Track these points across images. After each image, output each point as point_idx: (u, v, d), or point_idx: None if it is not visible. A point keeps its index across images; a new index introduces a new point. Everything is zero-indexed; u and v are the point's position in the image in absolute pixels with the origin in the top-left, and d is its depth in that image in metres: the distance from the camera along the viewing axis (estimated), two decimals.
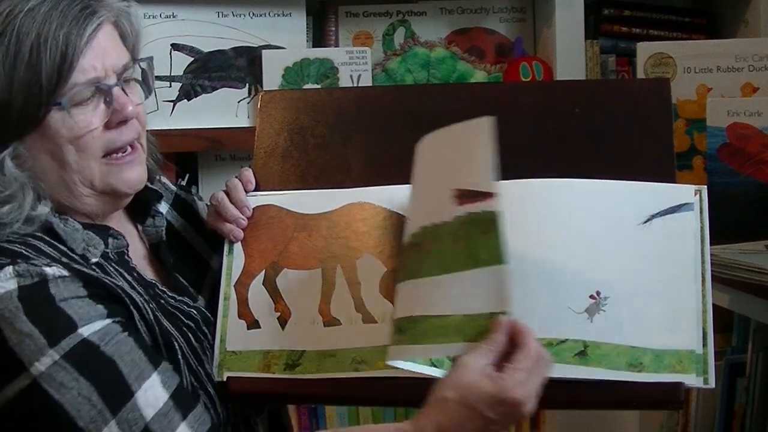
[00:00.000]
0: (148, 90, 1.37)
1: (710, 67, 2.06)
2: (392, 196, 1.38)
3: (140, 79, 1.36)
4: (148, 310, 1.27)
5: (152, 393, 1.20)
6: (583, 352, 1.24)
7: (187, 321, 1.34)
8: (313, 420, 2.40)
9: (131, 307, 1.25)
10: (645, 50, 2.10)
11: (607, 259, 1.28)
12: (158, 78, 2.23)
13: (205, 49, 2.27)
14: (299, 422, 2.38)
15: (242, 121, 2.27)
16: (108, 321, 1.21)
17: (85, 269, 1.24)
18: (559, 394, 1.23)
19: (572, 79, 2.24)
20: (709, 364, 1.23)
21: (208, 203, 1.46)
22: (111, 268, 1.29)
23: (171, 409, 1.21)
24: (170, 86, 2.25)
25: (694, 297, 1.26)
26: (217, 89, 2.27)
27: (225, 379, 1.34)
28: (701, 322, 1.25)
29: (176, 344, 1.28)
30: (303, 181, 1.43)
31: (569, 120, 1.40)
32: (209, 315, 1.38)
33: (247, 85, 2.29)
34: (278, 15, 2.29)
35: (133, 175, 1.32)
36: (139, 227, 1.42)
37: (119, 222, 1.38)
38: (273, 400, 1.44)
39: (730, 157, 1.90)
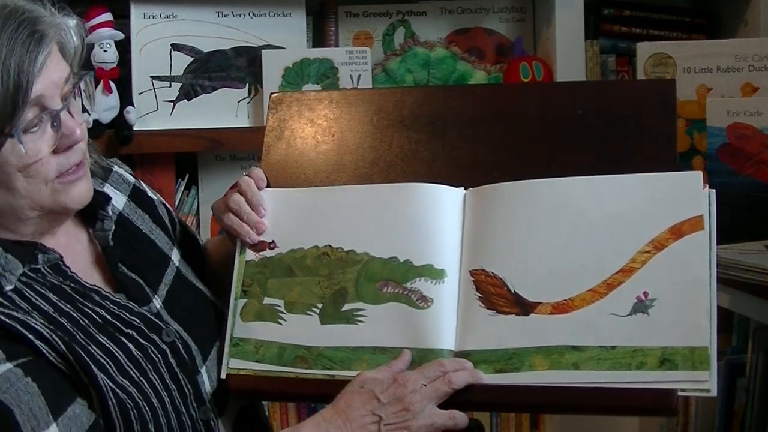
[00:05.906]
0: (89, 100, 1.34)
1: (710, 67, 2.06)
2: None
3: (81, 91, 1.31)
4: (59, 341, 1.20)
5: None
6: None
7: (127, 330, 1.29)
8: None
9: (37, 341, 1.19)
10: (645, 50, 2.10)
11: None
12: (158, 78, 2.24)
13: (205, 49, 2.27)
14: (299, 420, 2.37)
15: (242, 121, 2.27)
16: (8, 366, 1.16)
17: None
18: (552, 398, 1.24)
19: (574, 80, 2.24)
20: (712, 367, 1.21)
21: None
22: (30, 293, 1.24)
23: None
24: (170, 86, 2.25)
25: (707, 297, 1.24)
26: (217, 89, 2.27)
27: (224, 377, 1.35)
28: (714, 322, 1.23)
29: (95, 369, 1.21)
30: (311, 182, 1.44)
31: (573, 121, 1.40)
32: (156, 319, 1.33)
33: (247, 85, 2.28)
34: (278, 15, 2.29)
35: (82, 190, 1.29)
36: (90, 231, 1.39)
37: (66, 229, 1.35)
38: (269, 397, 1.44)
39: (730, 157, 1.90)
